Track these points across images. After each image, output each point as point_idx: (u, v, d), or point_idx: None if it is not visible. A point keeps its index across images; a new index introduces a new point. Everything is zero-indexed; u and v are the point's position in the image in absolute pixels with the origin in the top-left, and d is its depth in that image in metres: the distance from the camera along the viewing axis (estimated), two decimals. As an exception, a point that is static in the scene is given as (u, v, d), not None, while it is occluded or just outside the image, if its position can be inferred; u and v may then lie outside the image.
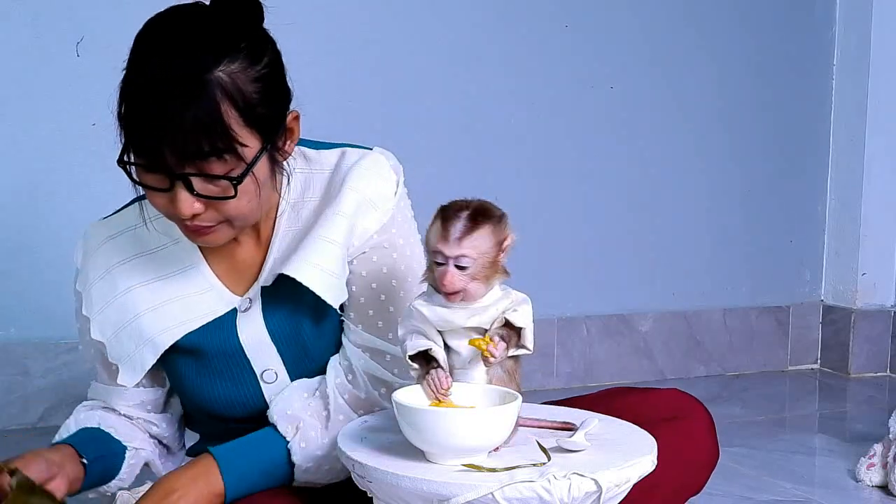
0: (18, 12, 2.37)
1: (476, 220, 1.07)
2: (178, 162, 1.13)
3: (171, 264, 1.32)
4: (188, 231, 1.21)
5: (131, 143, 1.16)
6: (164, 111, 1.11)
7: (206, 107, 1.12)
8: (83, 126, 2.43)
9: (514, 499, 0.94)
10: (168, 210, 1.19)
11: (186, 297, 1.30)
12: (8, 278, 2.41)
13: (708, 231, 3.10)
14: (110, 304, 1.32)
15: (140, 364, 1.30)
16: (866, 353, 3.12)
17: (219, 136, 1.12)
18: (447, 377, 1.06)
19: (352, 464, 1.04)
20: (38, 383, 2.42)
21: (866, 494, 2.01)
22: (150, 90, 1.13)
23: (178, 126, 1.11)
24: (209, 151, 1.13)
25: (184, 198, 1.15)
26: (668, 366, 3.01)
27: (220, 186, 1.16)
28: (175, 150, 1.12)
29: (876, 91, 3.07)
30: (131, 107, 1.16)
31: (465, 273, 1.06)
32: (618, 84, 2.94)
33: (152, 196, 1.19)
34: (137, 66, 1.17)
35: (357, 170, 1.29)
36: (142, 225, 1.33)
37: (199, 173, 1.14)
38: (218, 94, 1.12)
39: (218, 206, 1.17)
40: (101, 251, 1.34)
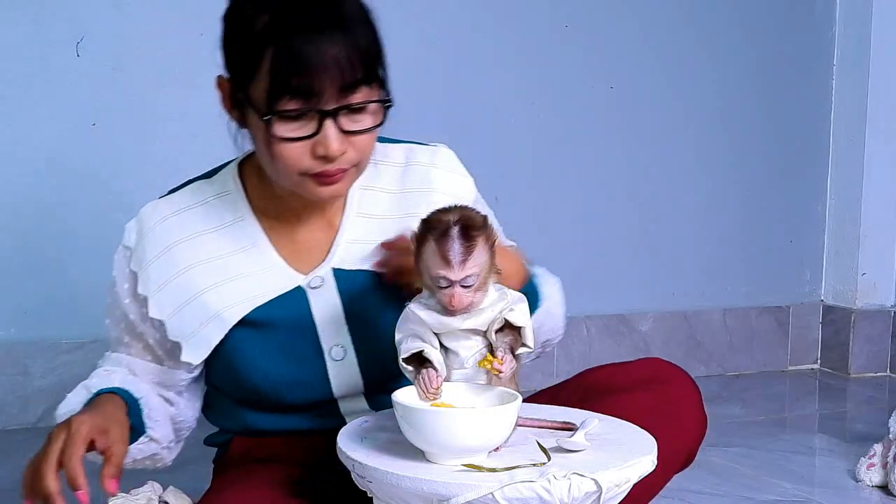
0: (18, 12, 2.37)
1: (470, 236, 1.07)
2: (334, 95, 1.16)
3: (233, 243, 1.31)
4: (319, 183, 1.22)
5: (285, 87, 1.15)
6: (322, 43, 1.14)
7: (355, 33, 1.17)
8: (83, 126, 2.44)
9: (514, 499, 0.94)
10: (305, 161, 1.19)
11: (250, 275, 1.30)
12: (8, 278, 2.41)
13: (708, 231, 3.10)
14: (170, 282, 1.30)
15: (206, 341, 1.29)
16: (866, 353, 3.12)
17: (371, 60, 1.18)
18: (438, 377, 1.06)
19: (352, 464, 1.04)
20: (38, 383, 2.42)
21: (866, 494, 2.01)
22: (298, 27, 1.14)
23: (336, 54, 1.14)
24: (363, 78, 1.17)
25: (333, 135, 1.17)
26: (668, 366, 3.01)
27: (361, 122, 1.20)
28: (335, 81, 1.15)
29: (876, 91, 3.07)
30: (283, 46, 1.15)
31: (471, 289, 1.06)
32: (618, 84, 2.94)
33: (292, 149, 1.18)
34: (274, 9, 1.16)
35: (439, 172, 1.37)
36: (200, 204, 1.33)
37: (350, 105, 1.17)
38: (358, 21, 1.18)
39: (356, 143, 1.20)
40: (158, 230, 1.32)
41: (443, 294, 1.07)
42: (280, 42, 1.15)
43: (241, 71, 1.19)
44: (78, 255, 2.45)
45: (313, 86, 1.14)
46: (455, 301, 1.06)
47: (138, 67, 2.47)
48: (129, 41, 2.46)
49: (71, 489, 1.10)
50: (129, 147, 2.47)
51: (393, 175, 1.36)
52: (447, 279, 1.06)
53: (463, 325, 1.08)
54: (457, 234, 1.06)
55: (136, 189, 2.48)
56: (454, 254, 1.05)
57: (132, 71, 2.46)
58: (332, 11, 1.16)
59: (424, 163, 1.37)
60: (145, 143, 2.48)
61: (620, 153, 2.96)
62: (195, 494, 1.40)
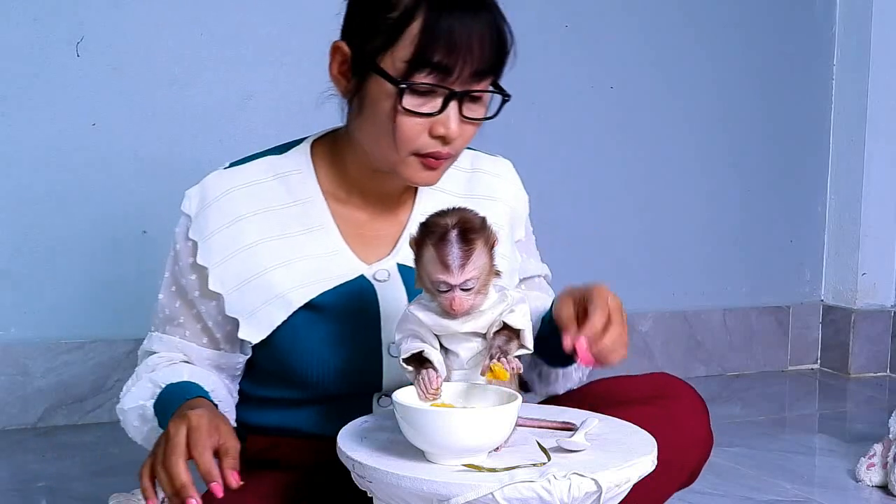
0: (18, 12, 2.37)
1: (468, 239, 1.06)
2: (467, 79, 1.18)
3: (299, 223, 1.29)
4: (425, 163, 1.23)
5: (426, 59, 1.17)
6: (472, 24, 1.17)
7: (497, 20, 1.21)
8: (83, 126, 2.44)
9: (514, 499, 0.94)
10: (421, 139, 1.21)
11: (316, 258, 1.28)
12: (8, 278, 2.41)
13: (708, 231, 3.10)
14: (234, 256, 1.27)
15: (267, 321, 1.26)
16: (866, 353, 3.12)
17: (506, 51, 1.22)
18: (438, 377, 1.06)
19: (352, 464, 1.04)
20: (38, 383, 2.42)
21: (866, 494, 2.01)
22: (455, 3, 1.17)
23: (481, 39, 1.17)
24: (494, 67, 1.21)
25: (454, 117, 1.20)
26: (668, 366, 3.01)
27: (478, 111, 1.23)
28: (471, 65, 1.17)
29: (876, 91, 3.07)
30: (432, 20, 1.16)
31: (471, 292, 1.06)
32: (618, 84, 2.94)
33: (412, 123, 1.20)
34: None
35: (503, 183, 1.42)
36: (270, 179, 1.31)
37: (474, 91, 1.20)
38: (501, 11, 1.22)
39: (466, 132, 1.23)
40: (224, 201, 1.29)
41: (443, 298, 1.06)
42: (432, 14, 1.16)
43: (378, 38, 1.19)
44: (78, 255, 2.45)
45: (452, 65, 1.17)
46: (455, 305, 1.06)
47: (138, 67, 2.46)
48: (129, 41, 2.46)
49: (206, 481, 1.07)
50: (129, 147, 2.47)
51: (460, 180, 1.38)
52: (447, 283, 1.05)
53: (463, 329, 1.08)
54: (455, 238, 1.06)
55: (136, 189, 2.49)
56: (453, 258, 1.05)
57: (132, 71, 2.46)
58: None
59: (490, 171, 1.42)
60: (145, 143, 2.48)
61: (620, 153, 2.96)
62: (195, 495, 1.40)
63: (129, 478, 1.46)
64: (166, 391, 1.24)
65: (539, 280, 1.49)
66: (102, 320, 2.48)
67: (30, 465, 2.16)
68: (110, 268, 2.47)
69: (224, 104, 2.54)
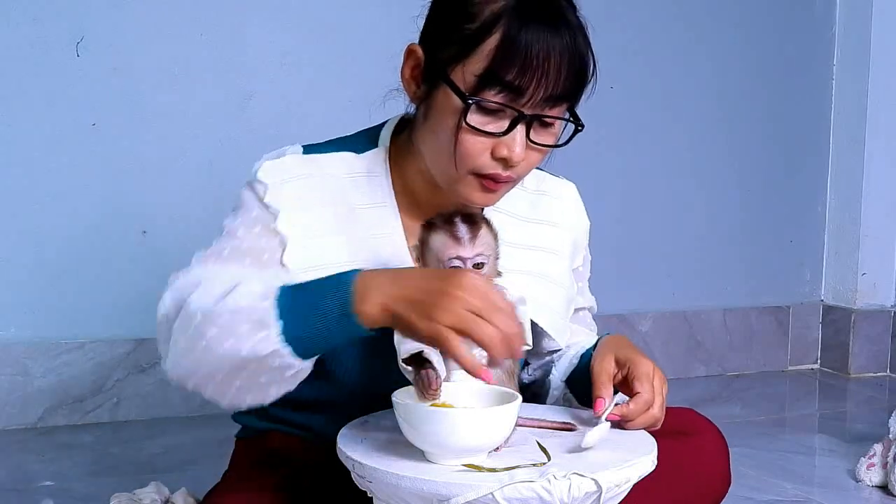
0: (18, 12, 2.37)
1: (474, 221, 1.09)
2: (538, 102, 1.14)
3: (373, 227, 1.25)
4: (484, 186, 1.19)
5: (498, 77, 1.12)
6: (552, 46, 1.11)
7: (580, 44, 1.15)
8: (83, 126, 2.44)
9: (514, 499, 0.94)
10: (482, 158, 1.16)
11: (382, 265, 1.22)
12: (8, 278, 2.41)
13: (708, 231, 3.10)
14: (307, 239, 1.21)
15: None
16: (866, 353, 3.12)
17: (585, 77, 1.17)
18: (437, 378, 1.06)
19: (352, 464, 1.04)
20: (38, 383, 2.42)
21: (866, 494, 2.01)
22: (535, 22, 1.12)
23: (559, 63, 1.12)
24: (571, 93, 1.16)
25: (520, 141, 1.15)
26: (668, 366, 3.01)
27: (547, 137, 1.19)
28: (546, 88, 1.13)
29: (876, 91, 3.07)
30: (512, 37, 1.11)
31: (483, 272, 1.07)
32: (618, 84, 2.94)
33: (476, 141, 1.15)
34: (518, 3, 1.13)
35: (567, 207, 1.40)
36: (346, 177, 1.26)
37: (545, 117, 1.16)
38: (584, 34, 1.16)
39: (531, 157, 1.19)
40: (302, 183, 1.23)
41: None
42: (512, 30, 1.12)
43: (453, 47, 1.15)
44: (78, 255, 2.45)
45: (526, 86, 1.12)
46: None
47: (138, 67, 2.46)
48: (129, 41, 2.46)
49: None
50: (129, 147, 2.47)
51: (524, 201, 1.35)
52: (460, 257, 1.07)
53: None
54: (460, 219, 1.09)
55: (136, 189, 2.49)
56: (461, 233, 1.07)
57: (132, 71, 2.46)
58: (564, 17, 1.14)
59: (555, 195, 1.39)
60: (145, 143, 2.48)
61: (620, 153, 2.96)
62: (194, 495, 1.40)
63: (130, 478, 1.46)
64: (290, 287, 1.05)
65: (584, 314, 1.48)
66: (102, 320, 2.48)
67: (30, 465, 2.16)
68: (110, 268, 2.47)
69: (224, 104, 2.54)
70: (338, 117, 1.32)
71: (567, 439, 1.10)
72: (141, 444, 2.29)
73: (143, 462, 2.15)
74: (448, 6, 1.19)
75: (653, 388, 1.15)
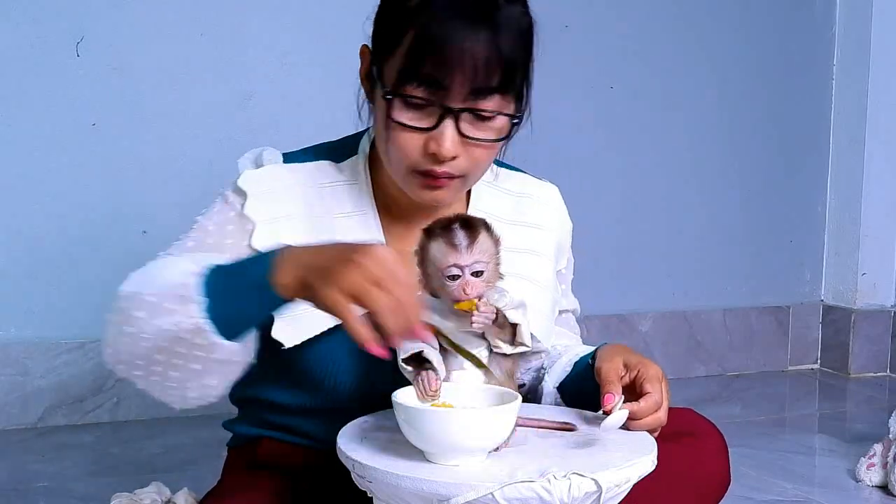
0: (18, 12, 2.37)
1: (472, 227, 1.08)
2: (461, 94, 1.11)
3: (354, 236, 1.25)
4: (424, 183, 1.18)
5: (416, 71, 1.11)
6: (465, 37, 1.09)
7: (505, 38, 1.11)
8: (83, 126, 2.44)
9: (514, 499, 0.94)
10: (416, 155, 1.15)
11: None
12: (7, 278, 2.41)
13: (708, 231, 3.10)
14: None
15: (308, 326, 1.18)
16: (866, 353, 3.12)
17: (510, 71, 1.12)
18: (437, 378, 1.06)
19: (352, 464, 1.04)
20: (38, 383, 2.42)
21: (866, 494, 2.01)
22: (449, 17, 1.10)
23: (476, 54, 1.09)
24: (497, 87, 1.12)
25: (450, 136, 1.13)
26: (668, 366, 3.00)
27: (485, 132, 1.16)
28: (465, 80, 1.10)
29: (876, 91, 3.07)
30: (425, 31, 1.10)
31: (482, 279, 1.07)
32: (617, 84, 2.94)
33: (406, 138, 1.15)
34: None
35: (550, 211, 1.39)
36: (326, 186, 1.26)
37: (475, 110, 1.13)
38: (511, 29, 1.12)
39: (471, 153, 1.16)
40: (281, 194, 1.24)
41: (454, 286, 1.06)
42: (424, 25, 1.11)
43: (381, 45, 1.16)
44: (78, 254, 2.45)
45: (443, 79, 1.10)
46: (469, 289, 1.06)
47: (138, 67, 2.47)
48: (129, 41, 2.46)
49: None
50: (129, 147, 2.47)
51: (507, 202, 1.34)
52: (457, 266, 1.06)
53: (460, 329, 1.08)
54: (458, 226, 1.08)
55: (136, 189, 2.49)
56: (459, 241, 1.06)
57: (132, 71, 2.46)
58: (488, 8, 1.11)
59: (537, 197, 1.39)
60: (145, 143, 2.48)
61: (620, 153, 2.96)
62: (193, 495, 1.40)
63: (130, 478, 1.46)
64: (217, 267, 1.04)
65: (568, 316, 1.46)
66: (102, 320, 2.47)
67: (30, 465, 2.16)
68: (110, 268, 2.47)
69: (224, 104, 2.54)
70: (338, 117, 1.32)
71: (567, 439, 1.10)
72: (141, 444, 2.29)
73: (143, 462, 2.15)
74: (381, 4, 1.20)
75: (662, 391, 1.15)
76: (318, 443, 1.28)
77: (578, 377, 1.27)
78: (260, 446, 1.33)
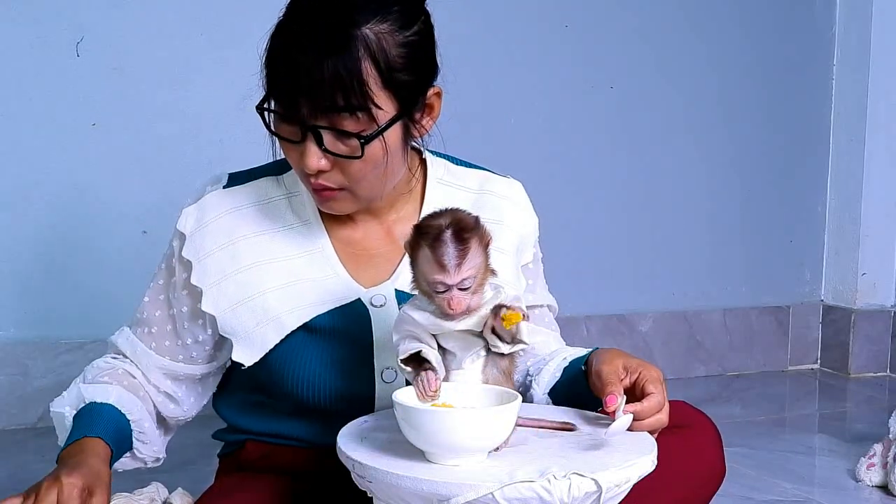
0: (18, 12, 2.37)
1: (463, 239, 1.05)
2: (311, 113, 1.15)
3: (297, 246, 1.29)
4: (313, 192, 1.23)
5: (271, 89, 1.17)
6: (304, 60, 1.13)
7: (345, 60, 1.13)
8: (83, 126, 2.44)
9: (514, 499, 0.94)
10: (297, 164, 1.20)
11: (312, 281, 1.27)
12: (8, 278, 2.41)
13: (708, 231, 3.10)
14: (229, 278, 1.27)
15: (261, 342, 1.25)
16: (866, 353, 3.12)
17: (355, 91, 1.13)
18: (436, 378, 1.06)
19: (352, 464, 1.04)
20: (38, 383, 2.42)
21: (866, 494, 2.01)
22: (295, 38, 1.15)
23: (316, 76, 1.12)
24: (343, 106, 1.14)
25: (312, 151, 1.16)
26: (668, 366, 3.01)
27: (349, 146, 1.17)
28: (310, 100, 1.14)
29: (876, 91, 3.07)
30: (274, 53, 1.16)
31: (468, 291, 1.06)
32: (618, 84, 2.94)
33: (286, 148, 1.20)
34: (290, 15, 1.18)
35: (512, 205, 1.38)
36: (267, 203, 1.31)
37: (331, 127, 1.15)
38: (360, 50, 1.13)
39: (344, 167, 1.18)
40: (223, 222, 1.29)
41: (441, 299, 1.06)
42: (276, 45, 1.16)
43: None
44: (78, 255, 2.45)
45: (292, 98, 1.15)
46: (454, 304, 1.05)
47: (138, 67, 2.47)
48: (129, 41, 2.46)
49: None
50: (129, 147, 2.47)
51: (465, 201, 1.33)
52: (444, 284, 1.05)
53: (458, 327, 1.08)
54: (450, 237, 1.05)
55: (136, 189, 2.49)
56: (449, 258, 1.04)
57: (132, 71, 2.46)
58: (335, 31, 1.13)
59: (499, 193, 1.38)
60: (145, 143, 2.48)
61: (620, 153, 2.96)
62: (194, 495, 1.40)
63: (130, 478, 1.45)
64: (86, 409, 1.27)
65: (541, 312, 1.45)
66: (102, 320, 2.47)
67: (30, 465, 2.16)
68: (110, 268, 2.47)
69: (224, 104, 2.54)
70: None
71: (567, 439, 1.10)
72: (141, 444, 2.29)
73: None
74: None
75: (663, 392, 1.16)
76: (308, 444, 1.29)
77: (570, 382, 1.27)
78: (244, 450, 1.35)
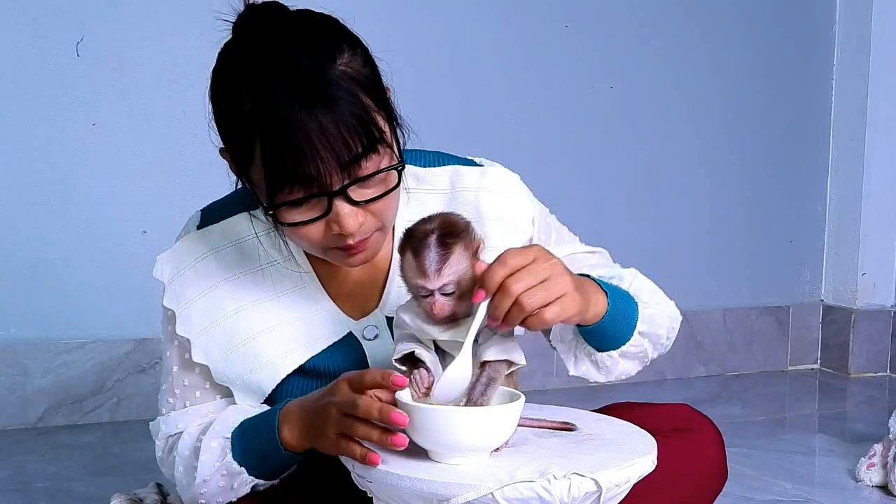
0: (18, 12, 2.37)
1: (446, 244, 1.04)
2: (337, 175, 1.08)
3: (281, 283, 1.24)
4: (346, 254, 1.16)
5: (283, 178, 1.08)
6: (310, 125, 1.05)
7: (347, 103, 1.07)
8: (83, 126, 2.44)
9: (514, 499, 0.94)
10: (324, 239, 1.13)
11: (300, 320, 1.23)
12: (8, 278, 2.41)
13: (708, 231, 3.10)
14: (217, 324, 1.23)
15: (258, 388, 1.23)
16: (866, 353, 3.12)
17: (367, 127, 1.08)
18: (429, 377, 1.06)
19: (352, 464, 1.04)
20: (38, 383, 2.42)
21: (866, 494, 2.00)
22: (285, 110, 1.05)
23: (329, 136, 1.06)
24: (364, 149, 1.08)
25: (347, 212, 1.10)
26: (668, 366, 3.01)
27: (375, 187, 1.12)
28: (332, 162, 1.06)
29: (876, 91, 3.07)
30: (271, 135, 1.07)
31: (452, 297, 1.05)
32: (618, 84, 2.94)
33: (305, 232, 1.12)
34: (258, 97, 1.07)
35: (490, 196, 1.30)
36: (245, 241, 1.25)
37: (354, 179, 1.09)
38: (350, 87, 1.08)
39: (376, 209, 1.13)
40: (200, 266, 1.24)
41: (424, 303, 1.06)
42: (266, 130, 1.07)
43: (238, 156, 1.12)
44: (78, 255, 2.45)
45: (311, 171, 1.07)
46: (436, 309, 1.05)
47: (138, 67, 2.47)
48: (129, 41, 2.46)
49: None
50: (129, 147, 2.47)
51: (438, 204, 1.26)
52: (425, 288, 1.05)
53: (442, 336, 1.07)
54: (433, 243, 1.04)
55: (136, 189, 2.49)
56: (429, 263, 1.04)
57: (132, 71, 2.46)
58: (315, 85, 1.06)
59: (472, 187, 1.30)
60: (145, 143, 2.48)
61: (620, 153, 2.96)
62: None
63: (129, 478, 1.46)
64: (240, 431, 1.19)
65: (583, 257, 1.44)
66: (102, 320, 2.48)
67: (30, 465, 2.16)
68: (110, 268, 2.47)
69: (224, 104, 2.54)
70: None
71: (567, 439, 1.10)
72: (141, 444, 2.29)
73: (143, 462, 2.14)
74: (215, 112, 1.15)
75: (531, 253, 1.05)
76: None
77: None
78: None
